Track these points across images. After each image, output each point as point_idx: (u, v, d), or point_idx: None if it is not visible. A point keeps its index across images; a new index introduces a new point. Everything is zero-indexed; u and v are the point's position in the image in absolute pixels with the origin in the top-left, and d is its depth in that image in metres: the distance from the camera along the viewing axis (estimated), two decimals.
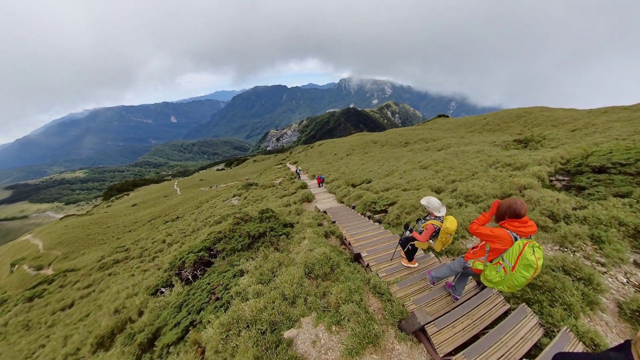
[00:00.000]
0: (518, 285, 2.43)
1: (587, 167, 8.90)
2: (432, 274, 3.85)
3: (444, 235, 3.64)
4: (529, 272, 2.32)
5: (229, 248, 5.59)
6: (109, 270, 12.07)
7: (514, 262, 2.37)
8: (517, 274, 2.37)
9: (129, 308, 5.45)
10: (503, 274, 2.49)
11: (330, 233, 7.06)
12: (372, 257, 4.97)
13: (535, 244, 2.37)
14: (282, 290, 3.34)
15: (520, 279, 2.38)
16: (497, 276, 2.55)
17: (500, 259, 2.52)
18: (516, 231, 2.44)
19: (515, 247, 2.40)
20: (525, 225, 2.43)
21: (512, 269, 2.39)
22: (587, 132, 19.26)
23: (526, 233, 2.43)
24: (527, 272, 2.33)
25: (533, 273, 2.32)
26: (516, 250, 2.37)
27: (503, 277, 2.50)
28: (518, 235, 2.45)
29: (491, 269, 2.63)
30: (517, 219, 2.44)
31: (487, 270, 2.69)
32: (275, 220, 7.78)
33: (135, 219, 40.32)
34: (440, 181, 11.31)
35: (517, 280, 2.41)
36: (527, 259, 2.29)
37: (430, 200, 3.76)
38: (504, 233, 2.47)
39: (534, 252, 2.30)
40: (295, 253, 4.94)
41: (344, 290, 3.23)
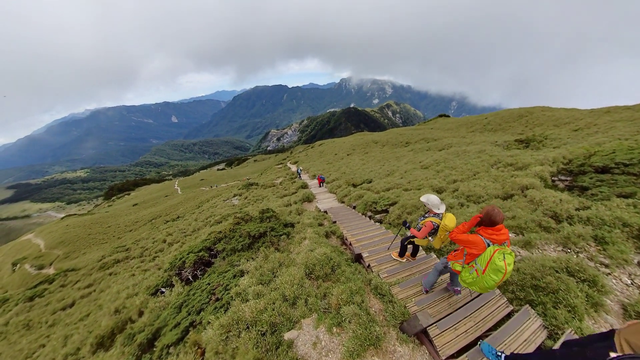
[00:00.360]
0: (488, 287, 2.65)
1: (590, 167, 8.84)
2: (423, 283, 3.88)
3: (442, 233, 3.68)
4: (497, 276, 2.52)
5: (229, 248, 5.57)
6: (109, 270, 12.07)
7: (484, 266, 2.58)
8: (487, 277, 2.57)
9: (129, 308, 5.43)
10: (475, 276, 2.71)
11: (331, 233, 7.03)
12: (374, 257, 4.94)
13: (507, 250, 2.55)
14: (282, 291, 3.31)
15: (490, 282, 2.58)
16: (470, 278, 2.78)
17: (474, 263, 2.74)
18: (489, 238, 2.63)
19: (486, 253, 2.60)
20: (498, 233, 2.62)
21: (483, 272, 2.60)
22: (589, 132, 19.16)
23: (499, 240, 2.60)
24: (496, 276, 2.52)
25: (502, 277, 2.50)
26: (487, 256, 2.57)
27: (475, 279, 2.72)
28: (491, 242, 2.63)
29: (466, 270, 2.87)
30: (491, 227, 2.64)
31: (463, 272, 2.93)
32: (275, 220, 7.76)
33: (136, 218, 40.40)
34: (442, 181, 11.26)
35: (487, 283, 2.61)
36: (496, 264, 2.48)
37: (429, 198, 3.85)
38: (478, 239, 2.68)
39: (504, 258, 2.49)
40: (295, 253, 4.91)
41: (345, 291, 3.19)
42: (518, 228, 6.14)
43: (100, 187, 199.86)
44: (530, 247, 5.48)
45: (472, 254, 2.76)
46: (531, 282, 4.07)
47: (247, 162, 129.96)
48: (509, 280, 4.24)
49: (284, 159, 62.77)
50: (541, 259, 4.53)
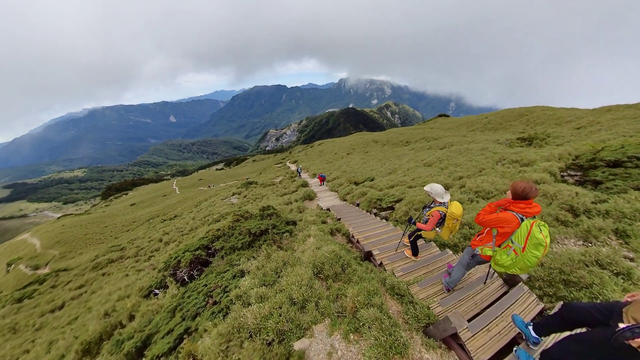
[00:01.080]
0: (530, 265, 2.43)
1: (600, 161, 8.57)
2: (447, 281, 3.54)
3: (450, 222, 3.53)
4: (539, 251, 2.33)
5: (228, 246, 5.17)
6: (102, 270, 11.59)
7: (523, 242, 2.38)
8: (529, 254, 2.37)
9: (119, 311, 5.02)
10: (514, 256, 2.48)
11: (335, 231, 6.65)
12: (385, 255, 4.56)
13: (541, 222, 2.39)
14: (289, 293, 2.92)
15: (532, 259, 2.37)
16: (509, 259, 2.54)
17: (510, 242, 2.52)
18: (522, 212, 2.45)
19: (522, 227, 2.40)
20: (530, 206, 2.45)
21: (523, 250, 2.39)
22: (592, 130, 18.92)
23: (531, 213, 2.44)
24: (538, 251, 2.33)
25: (543, 251, 2.34)
26: (524, 231, 2.38)
27: (514, 260, 2.49)
28: (524, 216, 2.45)
29: (501, 253, 2.62)
30: (524, 200, 2.46)
31: (497, 255, 2.67)
32: (277, 218, 7.36)
33: (133, 218, 39.84)
34: (447, 178, 10.93)
35: (529, 261, 2.40)
36: (537, 238, 2.30)
37: (433, 187, 3.69)
38: (510, 216, 2.48)
39: (541, 231, 2.32)
40: (300, 252, 4.52)
41: (361, 292, 2.81)
42: None
43: (97, 187, 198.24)
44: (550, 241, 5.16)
45: (505, 233, 2.52)
46: (560, 277, 3.75)
47: (246, 162, 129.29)
48: (534, 275, 3.92)
49: (283, 159, 62.31)
50: (567, 252, 4.20)
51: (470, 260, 3.20)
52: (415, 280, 3.60)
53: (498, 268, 2.72)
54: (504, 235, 2.56)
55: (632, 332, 1.48)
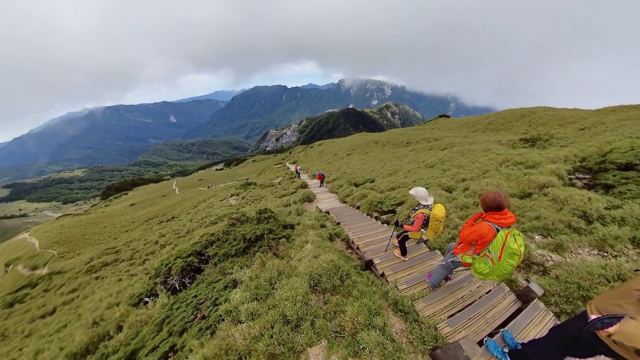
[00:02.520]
0: (506, 273, 2.51)
1: (611, 164, 8.29)
2: (431, 280, 3.69)
3: (433, 223, 3.73)
4: (514, 260, 2.42)
5: (221, 253, 4.91)
6: (96, 273, 11.31)
7: (499, 252, 2.47)
8: (504, 262, 2.46)
9: (107, 321, 4.77)
10: (491, 264, 2.57)
11: (335, 236, 6.39)
12: (387, 264, 4.31)
13: (516, 232, 2.48)
14: (282, 309, 2.66)
15: (508, 267, 2.47)
16: (486, 268, 2.63)
17: (487, 251, 2.60)
18: (497, 223, 2.55)
19: (498, 238, 2.50)
20: (505, 217, 2.54)
21: (499, 259, 2.48)
22: (596, 131, 18.66)
23: (506, 224, 2.53)
24: (513, 260, 2.42)
25: (518, 260, 2.41)
26: (500, 241, 2.47)
27: (492, 268, 2.58)
28: (499, 226, 2.54)
29: (479, 261, 2.71)
30: (498, 211, 2.55)
31: (475, 264, 2.76)
32: (274, 221, 7.11)
33: (132, 218, 39.58)
34: (450, 180, 10.66)
35: (504, 269, 2.49)
36: (511, 248, 2.39)
37: (417, 191, 3.97)
38: (486, 226, 2.58)
39: (516, 240, 2.41)
40: (297, 260, 4.26)
41: (361, 310, 2.56)
42: (545, 229, 5.56)
43: (97, 187, 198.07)
44: (562, 250, 4.91)
45: (483, 242, 2.63)
46: (578, 292, 3.48)
47: (246, 162, 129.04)
48: (549, 290, 3.67)
49: (283, 159, 62.03)
50: (584, 265, 3.94)
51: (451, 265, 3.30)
52: (421, 295, 3.34)
53: (478, 275, 2.77)
54: (482, 244, 2.65)
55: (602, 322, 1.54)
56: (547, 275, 4.26)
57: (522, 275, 4.67)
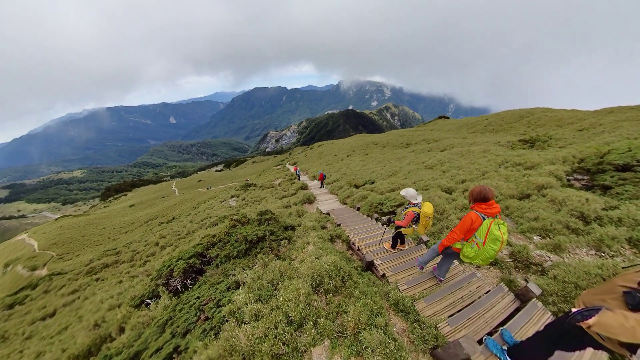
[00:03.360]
0: (489, 257, 2.84)
1: (609, 165, 8.37)
2: (420, 260, 4.16)
3: (423, 219, 4.13)
4: (496, 245, 2.76)
5: (223, 255, 4.94)
6: (97, 274, 11.30)
7: (484, 238, 2.79)
8: (488, 247, 2.78)
9: (109, 322, 4.79)
10: (477, 249, 2.90)
11: (335, 237, 6.43)
12: (387, 265, 4.35)
13: (500, 221, 2.79)
14: (285, 310, 2.70)
15: (491, 252, 2.80)
16: (472, 252, 2.97)
17: (474, 237, 2.93)
18: (484, 212, 2.86)
19: (484, 225, 2.80)
20: (491, 207, 2.86)
21: (483, 244, 2.81)
22: (595, 132, 18.75)
23: (492, 213, 2.85)
24: (495, 245, 2.76)
25: (500, 245, 2.74)
26: (484, 228, 2.79)
27: (477, 252, 2.91)
28: (485, 215, 2.85)
29: (467, 246, 3.05)
30: (484, 202, 2.87)
31: (464, 248, 3.10)
32: (275, 223, 7.14)
33: (132, 219, 39.51)
34: (449, 181, 10.72)
35: (488, 253, 2.82)
36: (494, 234, 2.72)
37: (407, 191, 4.37)
38: (474, 214, 2.90)
39: (499, 228, 2.74)
40: (299, 261, 4.30)
41: (363, 311, 2.59)
42: (543, 230, 5.62)
43: (97, 188, 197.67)
44: (561, 251, 4.98)
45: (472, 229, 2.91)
46: (575, 292, 3.54)
47: (246, 163, 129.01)
48: (546, 290, 3.72)
49: (283, 160, 62.08)
50: (581, 264, 3.99)
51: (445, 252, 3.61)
52: (422, 295, 3.38)
53: (464, 259, 3.11)
54: (470, 231, 2.95)
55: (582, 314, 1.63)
56: (546, 275, 4.31)
57: (521, 275, 4.72)
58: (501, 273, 4.83)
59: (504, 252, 5.23)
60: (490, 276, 4.78)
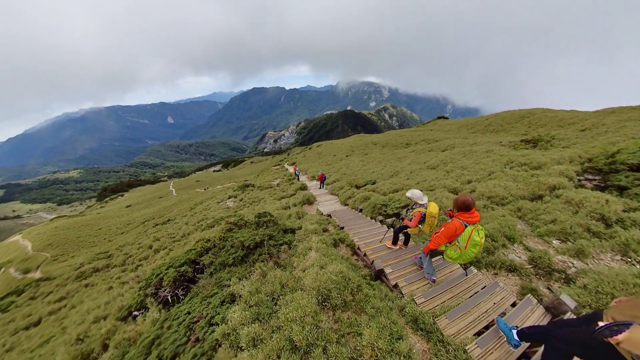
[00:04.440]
0: (469, 258, 3.24)
1: (622, 164, 8.05)
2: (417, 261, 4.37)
3: (429, 219, 4.22)
4: (475, 249, 3.13)
5: (218, 262, 4.52)
6: (87, 280, 10.77)
7: (465, 243, 3.13)
8: (469, 250, 3.14)
9: (92, 337, 4.35)
10: (459, 252, 3.24)
11: (339, 241, 6.02)
12: (399, 273, 3.95)
13: (479, 227, 3.16)
14: (289, 333, 2.29)
15: (471, 254, 3.18)
16: (455, 254, 3.31)
17: (457, 242, 3.24)
18: (466, 220, 3.16)
19: (466, 232, 3.13)
20: (472, 216, 3.15)
21: (465, 248, 3.15)
22: (598, 132, 18.53)
23: (473, 221, 3.14)
24: (475, 249, 3.13)
25: (479, 249, 3.15)
26: (466, 235, 3.11)
27: (460, 255, 3.26)
28: (467, 223, 3.15)
29: (451, 249, 3.37)
30: (467, 211, 3.16)
31: (447, 250, 3.43)
32: (274, 226, 6.72)
33: (128, 220, 38.83)
34: (455, 181, 10.36)
35: (468, 256, 3.21)
36: (474, 240, 3.08)
37: (413, 192, 4.48)
38: (458, 223, 3.20)
39: (479, 234, 3.10)
40: (301, 270, 3.89)
41: (381, 334, 2.20)
42: (562, 233, 5.26)
43: (93, 188, 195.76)
44: (584, 256, 4.62)
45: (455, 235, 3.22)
46: None
47: (244, 163, 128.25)
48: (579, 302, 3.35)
49: (281, 161, 61.58)
50: (614, 273, 3.62)
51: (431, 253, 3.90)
52: (443, 310, 2.98)
53: (448, 259, 3.45)
54: (453, 236, 3.25)
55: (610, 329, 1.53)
56: (573, 283, 3.94)
57: (543, 283, 4.34)
58: (521, 280, 4.46)
59: (523, 258, 4.88)
60: (510, 284, 4.41)
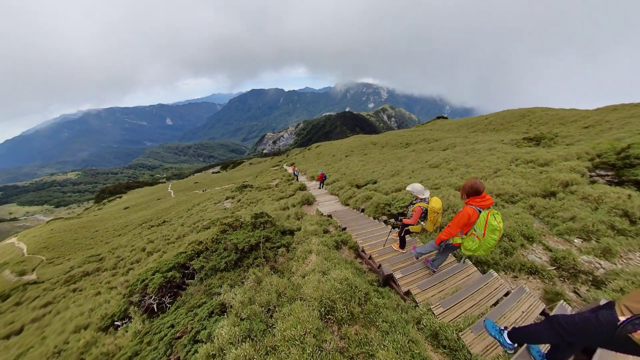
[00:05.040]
0: (490, 247, 2.90)
1: (636, 159, 7.71)
2: (417, 250, 4.17)
3: (432, 215, 3.88)
4: (495, 235, 2.83)
5: (209, 267, 4.09)
6: (75, 284, 10.28)
7: (483, 229, 2.85)
8: (488, 238, 2.85)
9: (69, 351, 3.91)
10: (477, 241, 2.94)
11: (341, 243, 5.60)
12: (411, 279, 3.53)
13: (495, 211, 2.88)
14: (285, 356, 1.87)
15: (491, 242, 2.86)
16: (474, 244, 2.99)
17: (473, 230, 2.97)
18: (479, 205, 2.91)
19: (481, 218, 2.87)
20: (484, 200, 2.91)
21: (483, 236, 2.86)
22: (602, 129, 18.21)
23: (486, 205, 2.90)
24: (495, 235, 2.83)
25: (498, 234, 2.82)
26: (482, 221, 2.85)
27: (479, 244, 2.94)
28: (481, 208, 2.90)
29: (468, 240, 3.08)
30: (477, 195, 2.93)
31: (465, 242, 3.13)
32: (271, 227, 6.30)
33: (125, 222, 38.27)
34: (460, 179, 9.98)
35: (489, 244, 2.87)
36: (492, 225, 2.81)
37: (414, 187, 4.11)
38: (471, 209, 2.92)
39: (495, 218, 2.84)
40: (300, 275, 3.46)
41: (400, 356, 1.78)
42: (584, 232, 4.87)
43: (91, 190, 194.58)
44: (611, 256, 4.24)
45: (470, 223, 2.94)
46: None
47: (243, 165, 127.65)
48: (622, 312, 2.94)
49: (280, 162, 61.13)
50: None
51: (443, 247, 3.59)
52: (467, 323, 2.56)
53: (466, 252, 3.13)
54: (468, 225, 2.97)
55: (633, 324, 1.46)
56: (604, 286, 3.54)
57: (568, 286, 3.94)
58: (543, 284, 4.05)
59: (544, 259, 4.47)
60: (531, 287, 4.00)
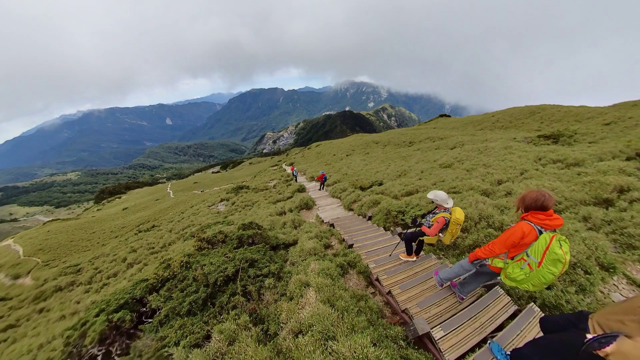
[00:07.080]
0: (545, 282, 2.15)
1: None
2: (441, 276, 3.35)
3: (453, 227, 3.55)
4: (557, 268, 2.07)
5: (167, 308, 2.93)
6: (44, 301, 9.12)
7: (540, 257, 2.12)
8: (544, 270, 2.11)
9: None
10: (528, 270, 2.22)
11: (348, 266, 4.42)
12: (457, 336, 2.33)
13: (562, 237, 2.13)
14: None
15: (548, 276, 2.11)
16: (522, 274, 2.26)
17: (525, 255, 2.26)
18: (541, 224, 2.16)
19: (541, 241, 2.13)
20: (550, 218, 2.16)
21: (539, 265, 2.14)
22: (626, 125, 16.98)
23: (552, 226, 2.16)
24: (556, 268, 2.07)
25: (562, 268, 2.06)
26: (542, 245, 2.11)
27: (528, 275, 2.23)
28: (543, 228, 2.16)
29: (514, 266, 2.34)
30: (543, 211, 2.17)
31: (509, 268, 2.39)
32: (260, 241, 5.12)
33: (123, 223, 37.27)
34: (482, 182, 8.73)
35: (544, 277, 2.13)
36: (556, 253, 2.05)
37: (437, 194, 3.72)
38: (527, 226, 2.19)
39: (561, 246, 2.07)
40: (291, 331, 2.28)
41: None
42: None
43: (91, 190, 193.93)
44: None
45: (523, 244, 2.20)
46: None
47: (242, 164, 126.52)
48: None
49: (280, 161, 59.91)
50: None
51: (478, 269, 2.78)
52: None
53: (509, 282, 2.40)
54: (520, 247, 2.25)
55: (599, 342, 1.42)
56: None
57: None
58: None
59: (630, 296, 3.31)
60: None
